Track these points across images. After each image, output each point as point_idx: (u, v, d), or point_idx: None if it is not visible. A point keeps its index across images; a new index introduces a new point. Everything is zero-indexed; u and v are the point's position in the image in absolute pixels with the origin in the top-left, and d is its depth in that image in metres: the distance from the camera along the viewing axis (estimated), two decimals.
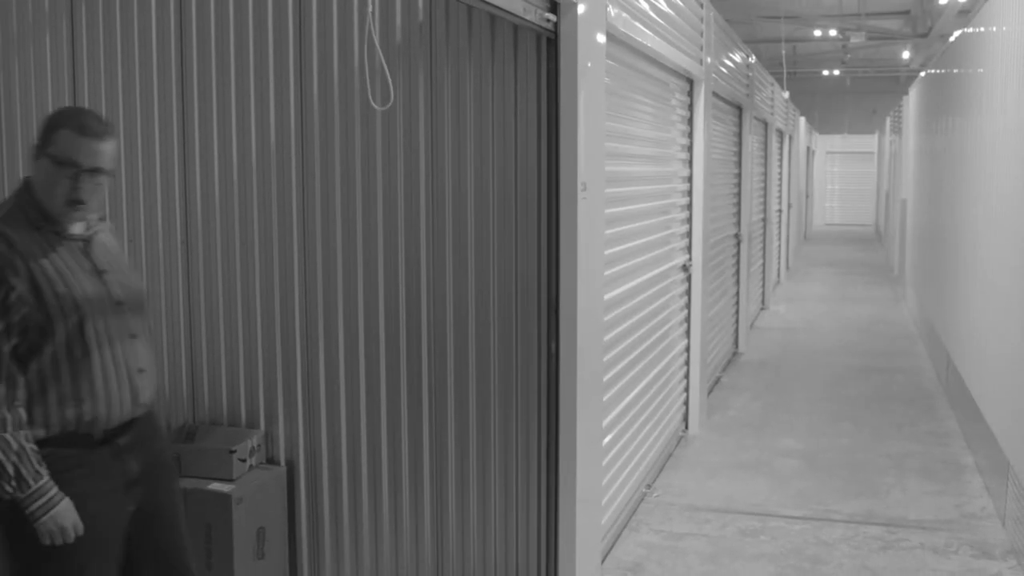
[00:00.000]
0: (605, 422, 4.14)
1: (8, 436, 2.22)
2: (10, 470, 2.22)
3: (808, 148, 22.07)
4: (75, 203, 2.41)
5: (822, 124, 27.16)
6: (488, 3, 2.77)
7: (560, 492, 3.53)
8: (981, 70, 6.17)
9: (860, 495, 5.10)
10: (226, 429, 3.98)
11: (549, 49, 3.31)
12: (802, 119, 18.76)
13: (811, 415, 6.78)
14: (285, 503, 3.94)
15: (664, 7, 5.04)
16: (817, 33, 19.08)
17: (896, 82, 25.43)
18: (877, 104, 25.99)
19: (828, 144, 28.29)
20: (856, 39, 19.01)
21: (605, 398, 4.09)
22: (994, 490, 5.00)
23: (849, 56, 22.51)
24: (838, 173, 28.73)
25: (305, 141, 3.68)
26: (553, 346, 3.44)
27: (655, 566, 4.19)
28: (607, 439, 4.23)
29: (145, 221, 3.97)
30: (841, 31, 18.99)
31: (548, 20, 3.19)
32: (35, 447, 2.28)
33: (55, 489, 2.29)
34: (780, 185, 13.84)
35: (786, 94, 14.01)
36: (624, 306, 4.58)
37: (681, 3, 5.52)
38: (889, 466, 5.61)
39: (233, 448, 3.72)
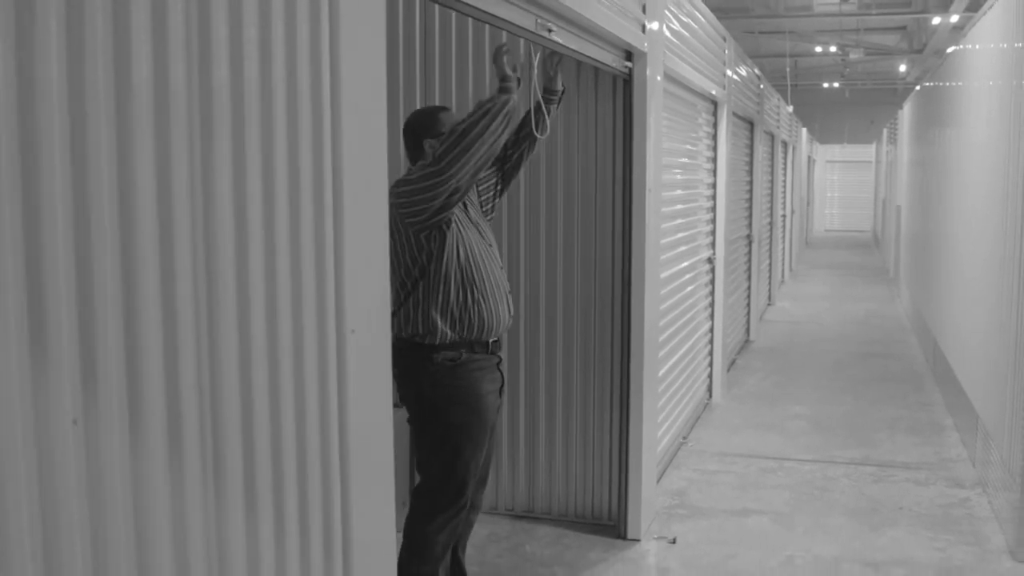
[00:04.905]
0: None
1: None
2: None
3: (809, 157, 23.13)
4: None
5: (822, 134, 28.21)
6: (589, 57, 3.84)
7: (630, 427, 4.60)
8: (961, 83, 7.23)
9: (858, 446, 6.19)
10: None
11: (625, 87, 4.40)
12: (803, 130, 19.84)
13: (816, 390, 7.85)
14: (406, 440, 5.01)
15: (697, 44, 6.13)
16: (818, 49, 20.16)
17: (893, 94, 26.45)
18: (875, 115, 27.00)
19: (828, 153, 29.37)
20: (855, 55, 20.10)
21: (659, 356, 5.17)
22: (968, 442, 6.07)
23: (848, 70, 23.58)
24: (837, 181, 29.81)
25: None
26: (626, 312, 4.52)
27: (696, 492, 5.27)
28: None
29: None
30: (840, 47, 20.08)
31: (626, 66, 4.28)
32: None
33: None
34: (784, 192, 14.92)
35: (790, 108, 15.10)
36: (667, 287, 5.66)
37: (709, 39, 6.62)
38: (882, 426, 6.70)
39: None
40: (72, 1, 1.26)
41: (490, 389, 3.36)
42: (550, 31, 3.23)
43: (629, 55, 4.34)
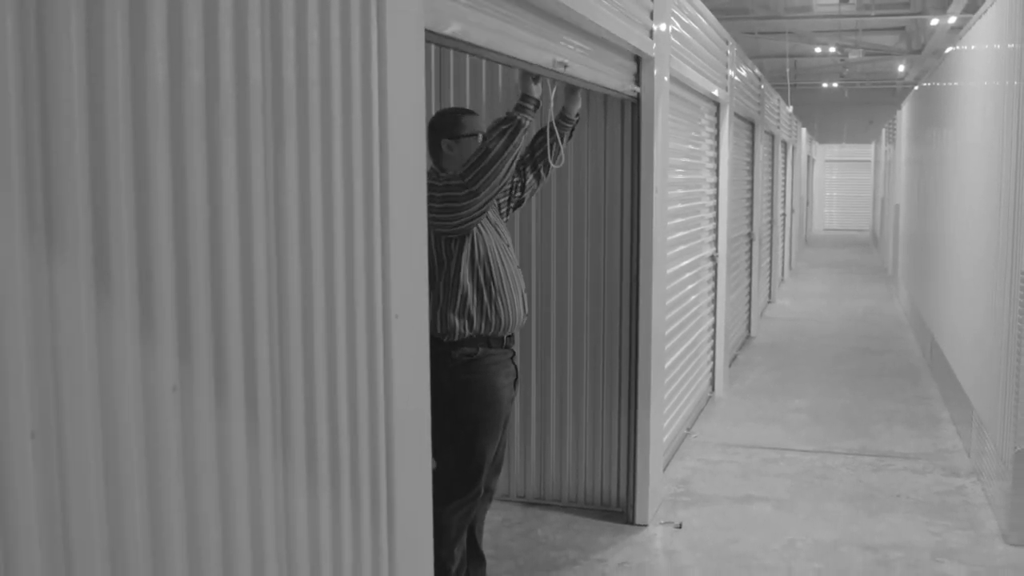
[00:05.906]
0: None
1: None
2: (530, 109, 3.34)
3: (808, 157, 23.32)
4: None
5: (821, 134, 28.38)
6: (603, 86, 4.02)
7: (638, 418, 4.78)
8: (958, 84, 7.41)
9: (856, 437, 6.38)
10: None
11: (633, 108, 4.59)
12: (803, 129, 20.03)
13: (816, 384, 8.04)
14: None
15: (700, 48, 6.31)
16: (817, 50, 20.34)
17: (892, 94, 26.63)
18: (874, 115, 27.16)
19: (827, 153, 29.57)
20: (854, 55, 20.28)
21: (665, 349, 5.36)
22: (963, 434, 6.26)
23: (847, 70, 23.77)
24: (836, 180, 30.00)
25: None
26: (634, 307, 4.70)
27: (700, 480, 5.46)
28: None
29: None
30: (840, 48, 20.27)
31: (635, 91, 4.48)
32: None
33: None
34: (784, 191, 15.11)
35: (789, 108, 15.28)
36: (671, 283, 5.84)
37: (712, 42, 6.80)
38: (880, 419, 6.89)
39: None
40: (172, 9, 1.44)
41: (505, 383, 3.53)
42: (565, 67, 3.42)
43: (638, 79, 4.52)
